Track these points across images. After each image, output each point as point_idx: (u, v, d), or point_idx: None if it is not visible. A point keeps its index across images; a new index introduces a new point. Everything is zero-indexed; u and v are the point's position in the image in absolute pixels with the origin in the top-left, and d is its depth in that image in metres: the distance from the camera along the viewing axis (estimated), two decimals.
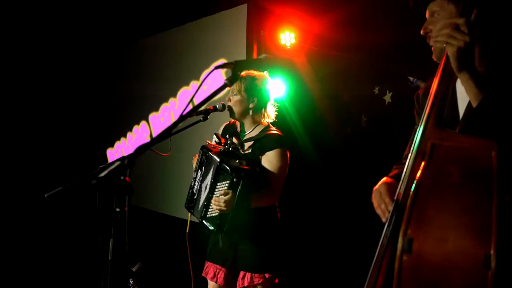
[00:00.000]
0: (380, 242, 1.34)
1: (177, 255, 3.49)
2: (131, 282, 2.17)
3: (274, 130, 2.65)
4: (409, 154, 1.32)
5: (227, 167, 2.42)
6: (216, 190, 2.49)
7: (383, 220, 1.54)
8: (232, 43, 4.24)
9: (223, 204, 2.37)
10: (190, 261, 2.71)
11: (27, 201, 5.60)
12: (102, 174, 1.33)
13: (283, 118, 3.99)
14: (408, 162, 1.32)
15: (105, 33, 5.90)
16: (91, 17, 5.69)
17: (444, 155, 1.24)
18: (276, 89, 3.97)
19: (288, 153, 2.63)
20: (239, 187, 2.40)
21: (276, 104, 2.81)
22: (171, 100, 5.11)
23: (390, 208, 1.39)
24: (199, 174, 2.72)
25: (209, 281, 2.70)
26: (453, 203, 1.13)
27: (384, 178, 1.68)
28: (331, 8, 3.80)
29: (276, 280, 2.61)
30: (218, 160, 2.47)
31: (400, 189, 1.33)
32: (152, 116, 5.44)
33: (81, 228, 5.28)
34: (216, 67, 1.60)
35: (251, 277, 2.53)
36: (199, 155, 2.72)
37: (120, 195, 1.37)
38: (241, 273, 2.57)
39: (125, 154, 4.85)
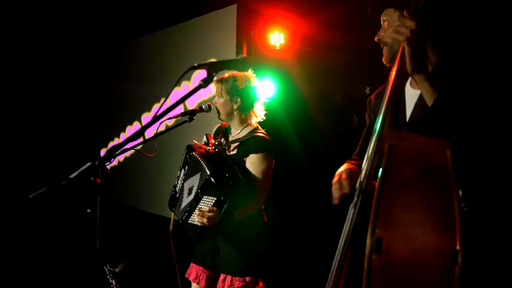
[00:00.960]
0: (341, 241, 1.36)
1: (165, 254, 3.48)
2: (113, 283, 2.18)
3: (260, 133, 2.62)
4: (366, 155, 1.34)
5: (216, 184, 2.37)
6: (201, 202, 2.45)
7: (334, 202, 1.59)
8: (222, 44, 4.24)
9: (205, 220, 2.32)
10: (175, 260, 2.69)
11: (16, 202, 5.60)
12: (72, 175, 1.34)
13: (272, 119, 4.00)
14: (366, 162, 1.34)
15: (97, 34, 5.90)
16: (83, 18, 5.69)
17: (402, 155, 1.26)
18: (265, 90, 3.98)
19: (272, 157, 2.60)
20: (226, 205, 2.36)
21: (264, 101, 2.80)
22: (163, 100, 5.11)
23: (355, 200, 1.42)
24: (182, 173, 2.72)
25: (192, 282, 2.68)
26: (417, 201, 1.15)
27: (346, 164, 1.71)
28: (320, 9, 3.80)
29: (261, 284, 2.59)
30: (208, 172, 2.41)
31: (360, 186, 1.35)
32: (144, 116, 5.45)
33: (66, 228, 5.27)
34: (190, 68, 1.61)
35: (232, 280, 2.50)
36: (183, 154, 2.71)
37: (90, 196, 1.37)
38: (222, 276, 2.54)
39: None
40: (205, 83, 1.59)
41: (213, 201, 2.39)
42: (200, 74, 4.41)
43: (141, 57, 5.34)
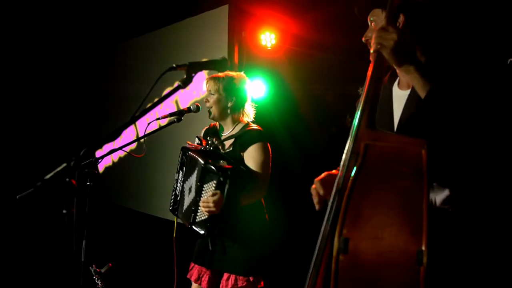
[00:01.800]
0: (319, 240, 1.36)
1: (161, 256, 3.48)
2: (98, 283, 2.19)
3: (254, 126, 2.64)
4: (343, 156, 1.34)
5: (213, 167, 2.39)
6: (203, 192, 2.45)
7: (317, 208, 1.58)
8: (214, 44, 4.25)
9: (212, 205, 2.32)
10: (176, 264, 2.67)
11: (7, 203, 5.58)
12: (47, 176, 1.34)
13: (264, 119, 4.00)
14: (343, 163, 1.34)
15: (91, 35, 5.90)
16: (77, 20, 5.69)
17: (377, 155, 1.26)
18: (257, 90, 3.99)
19: (269, 146, 2.61)
20: (227, 186, 2.36)
21: (254, 105, 2.81)
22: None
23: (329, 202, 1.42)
24: (180, 175, 2.72)
25: (192, 283, 2.67)
26: (387, 201, 1.15)
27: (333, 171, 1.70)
28: (311, 9, 3.80)
29: (262, 284, 2.58)
30: (202, 162, 2.44)
31: (337, 187, 1.35)
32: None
33: (47, 228, 5.23)
34: (169, 69, 1.61)
35: (235, 280, 2.49)
36: (179, 156, 2.72)
37: (66, 197, 1.37)
38: (225, 275, 2.54)
39: (114, 155, 4.80)
40: (183, 83, 1.60)
41: (214, 185, 2.39)
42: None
43: (135, 58, 5.34)
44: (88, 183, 2.68)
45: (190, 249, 2.74)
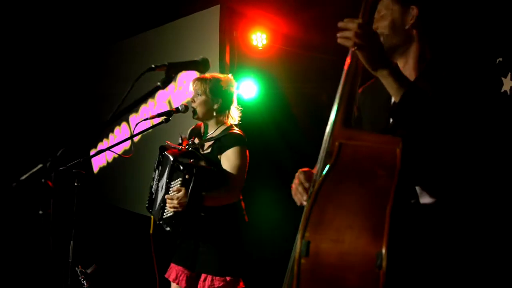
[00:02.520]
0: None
1: (145, 255, 3.48)
2: (84, 284, 2.19)
3: (235, 130, 2.66)
4: (319, 156, 1.34)
5: (180, 165, 2.43)
6: (170, 189, 2.50)
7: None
8: (206, 44, 4.25)
9: (175, 202, 2.38)
10: (155, 262, 2.68)
11: None
12: (23, 177, 1.34)
13: (256, 119, 4.00)
14: (318, 161, 1.34)
15: (83, 36, 5.89)
16: (69, 20, 5.68)
17: (350, 155, 1.25)
18: (248, 90, 4.00)
19: (247, 152, 2.64)
20: (192, 184, 2.40)
21: (240, 108, 2.82)
22: (150, 101, 5.12)
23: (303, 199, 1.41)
24: (156, 174, 2.75)
25: (171, 283, 2.68)
26: (352, 203, 1.14)
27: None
28: (302, 9, 3.81)
29: (242, 284, 2.60)
30: (172, 158, 2.50)
31: (314, 185, 1.35)
32: (132, 117, 5.45)
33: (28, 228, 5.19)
34: (148, 70, 1.61)
35: (212, 280, 2.51)
36: (157, 155, 2.74)
37: (41, 197, 1.38)
38: (203, 276, 2.55)
39: (108, 155, 4.79)
40: (163, 84, 1.60)
41: (180, 182, 2.44)
42: (186, 74, 4.41)
43: (128, 59, 5.33)
44: (75, 184, 2.69)
45: (173, 246, 2.75)
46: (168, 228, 2.50)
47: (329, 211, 1.12)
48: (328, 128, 1.38)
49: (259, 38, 3.98)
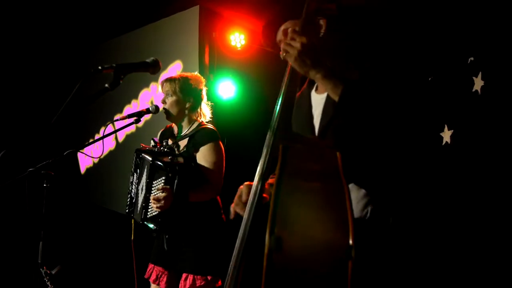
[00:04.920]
0: (237, 243, 1.37)
1: (127, 256, 3.49)
2: (48, 284, 2.20)
3: (208, 126, 2.67)
4: (261, 159, 1.36)
5: (160, 164, 2.43)
6: (152, 188, 2.49)
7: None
8: (186, 45, 4.26)
9: (162, 201, 2.36)
10: (135, 267, 2.67)
11: None
12: None
13: (234, 119, 4.02)
14: (260, 164, 1.36)
15: (63, 39, 5.85)
16: (54, 21, 5.66)
17: (295, 157, 1.29)
18: (227, 90, 4.01)
19: (222, 145, 2.65)
20: (176, 181, 2.40)
21: (210, 103, 2.83)
22: (133, 101, 5.14)
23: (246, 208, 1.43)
24: (135, 177, 2.74)
25: (151, 283, 2.69)
26: (312, 200, 1.19)
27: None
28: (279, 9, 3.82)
29: (220, 283, 2.59)
30: (150, 158, 2.49)
31: (256, 188, 1.37)
32: (117, 117, 5.46)
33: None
34: (95, 71, 1.62)
35: (193, 279, 2.51)
36: (133, 159, 2.74)
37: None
38: (184, 275, 2.55)
39: (94, 156, 4.76)
40: (111, 86, 1.61)
41: (163, 181, 2.42)
42: (168, 75, 4.42)
43: (108, 60, 5.30)
44: (44, 185, 2.70)
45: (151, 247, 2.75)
46: (153, 227, 2.49)
47: (292, 209, 1.17)
48: (271, 133, 1.41)
49: (237, 39, 4.00)
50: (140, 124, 5.05)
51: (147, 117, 4.17)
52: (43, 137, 1.47)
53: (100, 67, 1.58)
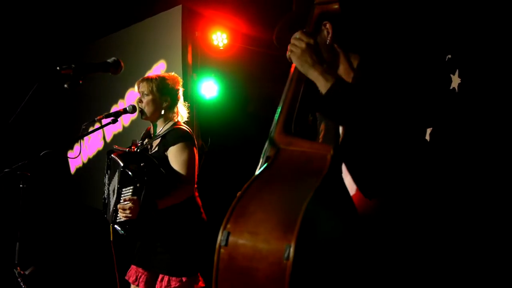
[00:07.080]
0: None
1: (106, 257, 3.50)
2: (22, 285, 2.21)
3: (180, 126, 2.67)
4: (261, 160, 1.38)
5: (130, 173, 2.42)
6: (122, 195, 2.49)
7: None
8: (169, 44, 4.27)
9: (128, 212, 2.38)
10: (116, 269, 2.68)
11: None
12: None
13: (217, 119, 4.03)
14: (258, 167, 1.37)
15: (49, 39, 5.84)
16: (36, 23, 5.64)
17: (284, 159, 1.32)
18: (210, 89, 4.02)
19: (194, 147, 2.63)
20: (143, 193, 2.41)
21: (186, 104, 2.84)
22: (120, 101, 5.14)
23: None
24: (106, 178, 2.75)
25: (131, 284, 2.70)
26: (273, 200, 1.22)
27: None
28: (260, 8, 3.83)
29: (201, 284, 2.61)
30: (122, 164, 2.48)
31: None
32: (97, 118, 5.46)
33: None
34: (54, 72, 1.62)
35: (168, 280, 2.52)
36: (106, 160, 2.74)
37: None
38: (160, 276, 2.56)
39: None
40: (69, 86, 1.61)
41: (131, 190, 2.43)
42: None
43: (99, 59, 5.34)
44: (21, 186, 2.72)
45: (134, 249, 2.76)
46: (122, 232, 2.50)
47: (251, 206, 1.19)
48: (270, 134, 1.42)
49: (219, 38, 4.01)
50: (126, 124, 5.11)
51: (133, 116, 4.25)
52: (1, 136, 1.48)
53: (58, 68, 1.58)
